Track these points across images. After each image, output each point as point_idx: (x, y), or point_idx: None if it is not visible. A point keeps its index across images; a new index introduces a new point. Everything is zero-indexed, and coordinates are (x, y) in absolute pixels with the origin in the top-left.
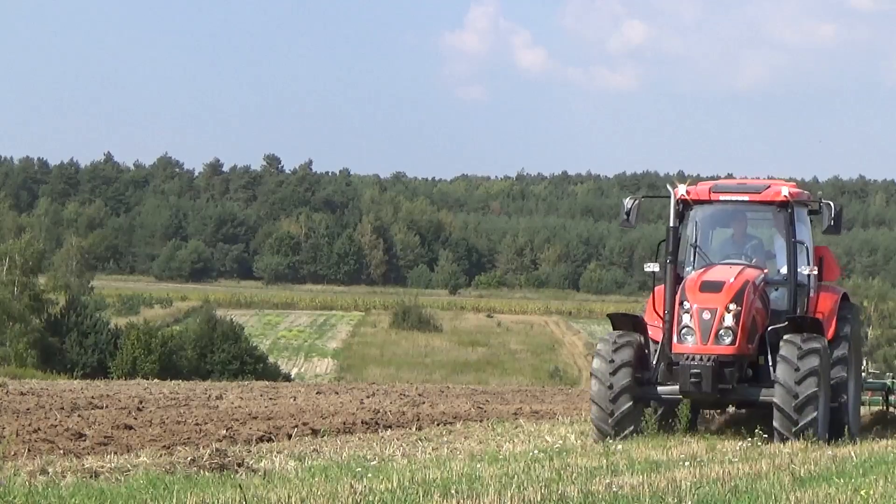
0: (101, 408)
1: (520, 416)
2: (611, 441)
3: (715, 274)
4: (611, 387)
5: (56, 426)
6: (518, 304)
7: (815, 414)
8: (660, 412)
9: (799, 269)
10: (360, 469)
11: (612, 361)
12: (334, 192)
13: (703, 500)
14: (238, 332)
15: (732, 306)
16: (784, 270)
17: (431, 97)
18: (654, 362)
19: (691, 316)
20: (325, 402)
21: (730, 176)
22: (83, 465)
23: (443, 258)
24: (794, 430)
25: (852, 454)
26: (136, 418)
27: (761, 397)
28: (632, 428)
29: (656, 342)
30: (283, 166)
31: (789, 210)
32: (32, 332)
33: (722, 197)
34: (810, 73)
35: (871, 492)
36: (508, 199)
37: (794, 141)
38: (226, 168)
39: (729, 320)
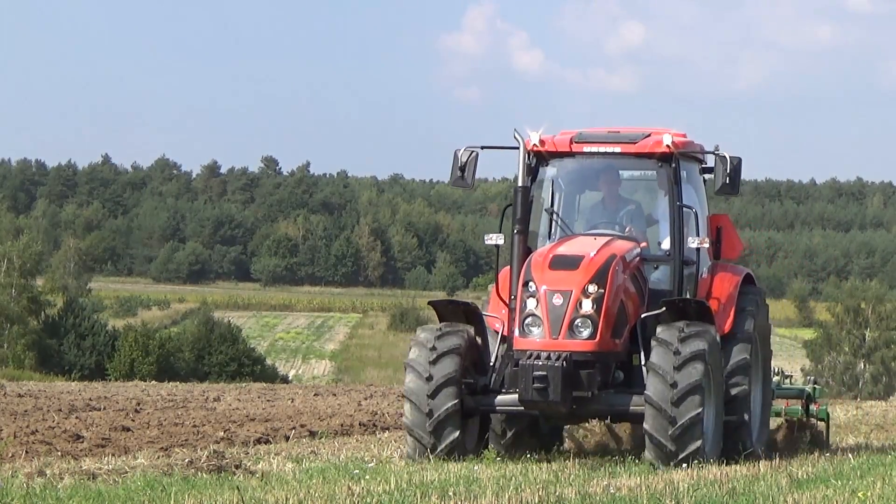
0: (99, 409)
1: None
2: (429, 460)
3: (572, 247)
4: (430, 378)
5: (54, 428)
6: None
7: (698, 443)
8: (510, 433)
9: (686, 242)
10: (357, 471)
11: (433, 349)
12: (332, 193)
13: (701, 502)
14: (236, 334)
15: (592, 288)
16: (667, 244)
17: (429, 99)
18: (495, 364)
19: (538, 301)
20: (323, 403)
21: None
22: (81, 466)
23: (441, 260)
24: (672, 463)
25: (850, 456)
26: (133, 420)
27: (632, 407)
28: (455, 436)
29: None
30: (280, 168)
31: (673, 165)
32: (30, 334)
33: (586, 148)
34: (808, 75)
35: (869, 493)
36: (505, 202)
37: (791, 142)
38: (223, 170)
39: (587, 306)
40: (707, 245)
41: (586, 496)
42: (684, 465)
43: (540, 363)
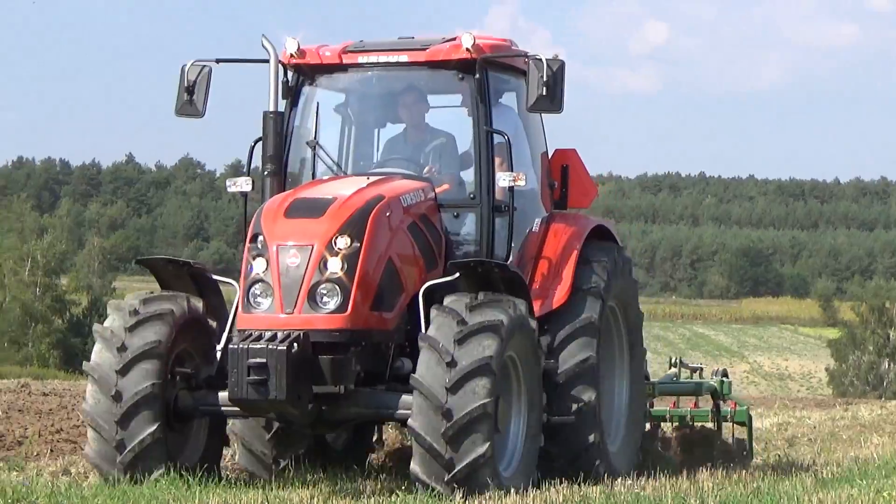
0: None
1: None
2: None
3: (323, 189)
4: (117, 396)
5: (78, 426)
6: None
7: (483, 450)
8: (284, 462)
9: (497, 181)
10: None
11: (123, 348)
12: None
13: (726, 502)
14: None
15: (343, 241)
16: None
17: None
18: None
19: (267, 262)
20: None
21: (750, 178)
22: None
23: None
24: (445, 478)
25: (874, 455)
26: None
27: (400, 410)
28: (159, 472)
29: None
30: None
31: (477, 76)
32: (55, 333)
33: (361, 59)
34: (830, 74)
35: (894, 493)
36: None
37: (815, 142)
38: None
39: (334, 267)
40: (522, 183)
41: (611, 496)
42: (468, 487)
43: (258, 347)
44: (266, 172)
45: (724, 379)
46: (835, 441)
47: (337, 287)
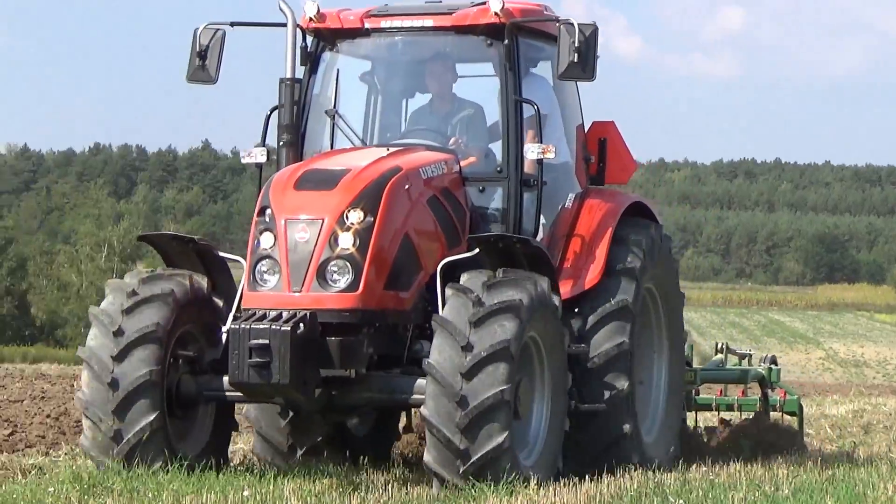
0: None
1: None
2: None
3: (337, 160)
4: (114, 384)
5: None
6: None
7: (500, 440)
8: (302, 450)
9: (525, 153)
10: None
11: (120, 333)
12: None
13: (800, 489)
14: None
15: (355, 215)
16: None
17: None
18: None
19: (275, 237)
20: None
21: (826, 164)
22: None
23: None
24: (460, 470)
25: None
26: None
27: (415, 395)
28: (158, 464)
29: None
30: None
31: (506, 42)
32: None
33: (385, 23)
34: None
35: None
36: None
37: (891, 127)
38: None
39: (346, 242)
40: (552, 155)
41: (686, 482)
42: (484, 479)
43: (261, 327)
44: (281, 143)
45: (773, 366)
46: None
47: (348, 264)
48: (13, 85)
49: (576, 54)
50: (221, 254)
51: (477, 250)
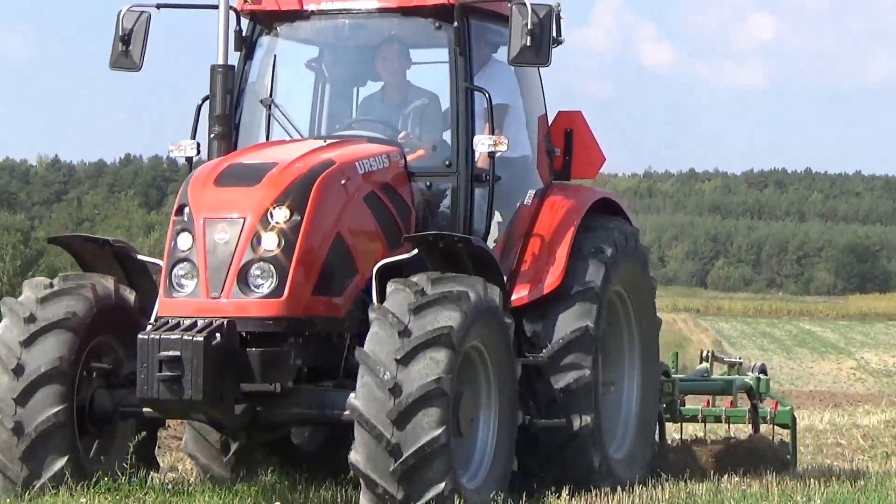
0: None
1: None
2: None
3: (264, 154)
4: (17, 429)
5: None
6: None
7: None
8: (235, 446)
9: (475, 145)
10: None
11: (19, 370)
12: None
13: (832, 499)
14: None
15: (281, 213)
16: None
17: (559, 94)
18: None
19: (193, 238)
20: None
21: (857, 174)
22: None
23: None
24: (391, 469)
25: None
26: None
27: (347, 412)
28: (61, 464)
29: None
30: None
31: (456, 24)
32: None
33: (326, 5)
34: None
35: None
36: (636, 197)
37: None
38: None
39: (270, 243)
40: (504, 147)
41: (717, 492)
42: (418, 481)
43: (171, 338)
44: (212, 135)
45: (762, 376)
46: None
47: (272, 267)
48: (44, 96)
49: (528, 37)
50: (140, 257)
51: (415, 251)
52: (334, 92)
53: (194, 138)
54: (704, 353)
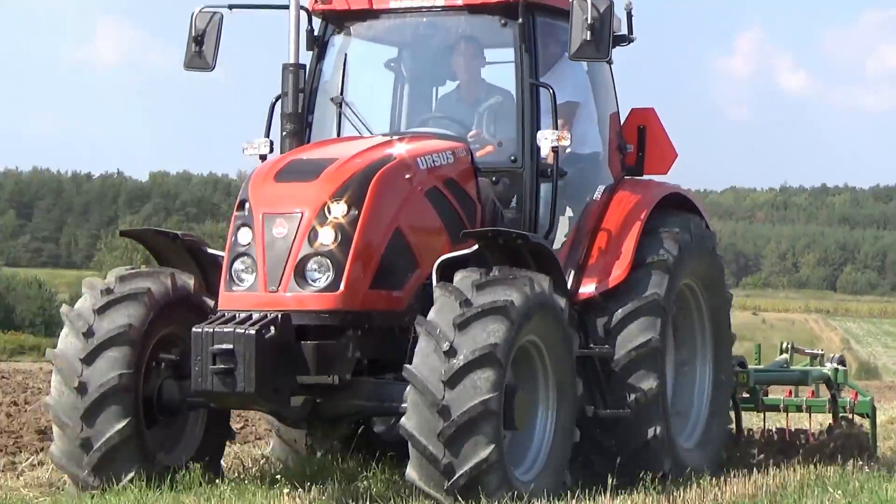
0: None
1: None
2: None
3: (326, 150)
4: (81, 388)
5: None
6: (781, 303)
7: (487, 453)
8: (322, 450)
9: (538, 140)
10: None
11: (90, 333)
12: None
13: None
14: None
15: (338, 208)
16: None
17: (701, 116)
18: None
19: (253, 233)
20: None
21: None
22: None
23: None
24: (445, 486)
25: None
26: None
27: (406, 403)
28: (131, 475)
29: None
30: None
31: (521, 21)
32: None
33: (394, 3)
34: None
35: None
36: (772, 209)
37: None
38: None
39: (327, 238)
40: (567, 142)
41: (843, 474)
42: (472, 496)
43: (224, 331)
44: (284, 133)
45: (840, 367)
46: None
47: (328, 261)
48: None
49: (588, 32)
50: (210, 250)
51: (475, 247)
52: (413, 91)
53: (268, 136)
54: (784, 345)
